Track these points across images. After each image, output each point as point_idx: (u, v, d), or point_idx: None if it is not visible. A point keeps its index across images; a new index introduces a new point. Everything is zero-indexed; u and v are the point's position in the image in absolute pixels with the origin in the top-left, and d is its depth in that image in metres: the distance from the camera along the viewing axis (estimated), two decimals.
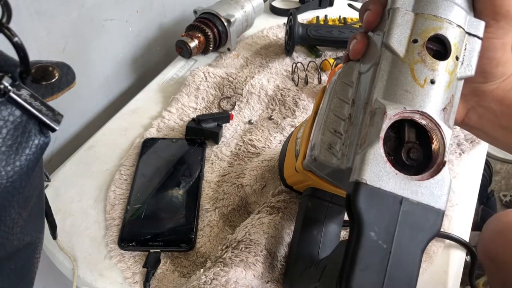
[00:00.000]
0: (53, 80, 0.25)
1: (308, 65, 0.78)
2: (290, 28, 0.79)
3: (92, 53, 0.69)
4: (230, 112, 0.66)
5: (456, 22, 0.27)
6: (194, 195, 0.55)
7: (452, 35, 0.27)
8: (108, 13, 0.69)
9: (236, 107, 0.70)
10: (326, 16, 0.91)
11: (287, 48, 0.82)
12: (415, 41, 0.27)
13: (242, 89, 0.71)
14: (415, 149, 0.26)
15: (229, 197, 0.54)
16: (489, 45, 0.29)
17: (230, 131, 0.65)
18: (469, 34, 0.28)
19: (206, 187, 0.57)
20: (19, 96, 0.22)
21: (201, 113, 0.68)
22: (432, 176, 0.25)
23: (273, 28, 0.91)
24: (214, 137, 0.62)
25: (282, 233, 0.47)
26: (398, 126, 0.26)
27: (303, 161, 0.35)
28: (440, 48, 0.27)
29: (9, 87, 0.21)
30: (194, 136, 0.63)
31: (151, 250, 0.48)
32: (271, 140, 0.63)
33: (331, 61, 0.77)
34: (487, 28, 0.29)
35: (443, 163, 0.25)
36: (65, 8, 0.59)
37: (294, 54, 0.82)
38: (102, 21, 0.68)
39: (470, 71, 0.28)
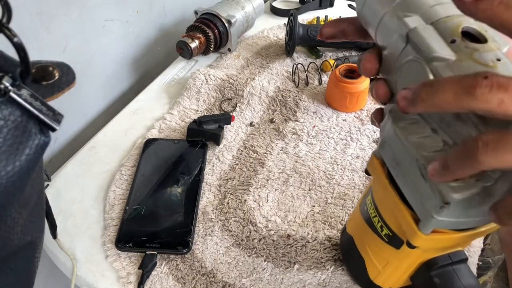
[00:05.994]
0: (53, 80, 0.25)
1: (308, 66, 0.78)
2: (291, 28, 0.79)
3: (93, 54, 0.69)
4: (231, 114, 0.66)
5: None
6: (193, 196, 0.55)
7: (472, 23, 0.26)
8: (108, 13, 0.69)
9: (237, 108, 0.70)
10: (326, 16, 0.91)
11: (288, 49, 0.82)
12: (453, 41, 0.26)
13: (243, 90, 0.71)
14: None
15: (234, 212, 0.54)
16: None
17: (231, 133, 0.65)
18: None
19: (206, 190, 0.57)
20: (19, 96, 0.22)
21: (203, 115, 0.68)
22: None
23: (274, 28, 0.91)
24: (215, 138, 0.62)
25: None
26: None
27: (419, 226, 0.30)
28: (474, 39, 0.26)
29: (10, 87, 0.21)
30: (195, 138, 0.63)
31: (147, 252, 0.48)
32: (272, 147, 0.63)
33: (332, 62, 0.77)
34: None
35: None
36: (65, 8, 0.59)
37: (295, 55, 0.82)
38: (103, 21, 0.68)
39: (506, 45, 0.27)
